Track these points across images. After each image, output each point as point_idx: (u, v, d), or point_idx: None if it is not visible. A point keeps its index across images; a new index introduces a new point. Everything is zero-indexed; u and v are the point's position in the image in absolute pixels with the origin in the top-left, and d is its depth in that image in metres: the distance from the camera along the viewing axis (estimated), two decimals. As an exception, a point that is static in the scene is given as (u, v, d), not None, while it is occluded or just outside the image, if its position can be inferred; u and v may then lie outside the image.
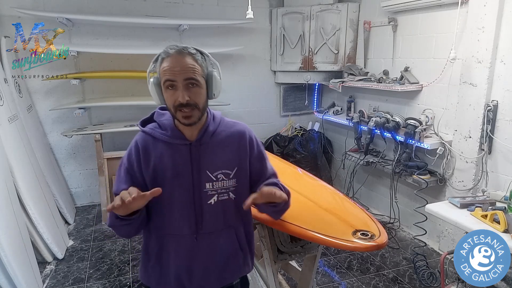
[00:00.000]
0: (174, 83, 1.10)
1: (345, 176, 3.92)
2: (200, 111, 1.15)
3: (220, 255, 1.26)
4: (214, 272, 1.26)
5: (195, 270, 1.23)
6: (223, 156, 1.22)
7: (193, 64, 1.11)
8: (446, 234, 2.86)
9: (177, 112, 1.12)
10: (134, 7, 3.64)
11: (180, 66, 1.10)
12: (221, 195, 1.21)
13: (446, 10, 2.77)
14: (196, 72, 1.11)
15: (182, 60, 1.11)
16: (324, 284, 2.57)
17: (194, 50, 1.14)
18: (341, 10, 3.70)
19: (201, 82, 1.13)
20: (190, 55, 1.12)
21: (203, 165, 1.19)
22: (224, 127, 1.25)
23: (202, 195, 1.19)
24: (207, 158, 1.20)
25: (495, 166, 2.52)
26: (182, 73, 1.10)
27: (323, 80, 4.02)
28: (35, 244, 2.64)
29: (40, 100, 3.53)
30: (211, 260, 1.25)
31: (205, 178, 1.19)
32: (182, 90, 1.10)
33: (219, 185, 1.20)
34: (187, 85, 1.11)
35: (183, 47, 1.13)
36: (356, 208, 1.67)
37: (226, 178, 1.21)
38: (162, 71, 1.12)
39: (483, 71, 2.47)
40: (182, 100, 1.09)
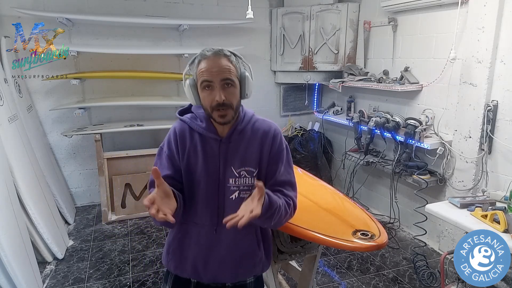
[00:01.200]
0: (211, 84, 1.16)
1: (345, 176, 3.92)
2: (234, 110, 1.20)
3: (237, 251, 1.28)
4: (229, 266, 1.28)
5: (211, 261, 1.27)
6: (248, 153, 1.25)
7: (228, 65, 1.17)
8: (446, 234, 2.86)
9: (214, 111, 1.17)
10: (134, 7, 3.64)
11: (217, 67, 1.15)
12: (242, 192, 1.23)
13: (446, 10, 2.77)
14: (231, 73, 1.17)
15: (218, 61, 1.16)
16: (324, 284, 2.57)
17: (229, 52, 1.20)
18: (341, 10, 3.70)
19: (236, 82, 1.19)
20: (225, 57, 1.18)
21: (229, 161, 1.23)
22: (253, 125, 1.28)
23: (225, 190, 1.23)
24: (233, 155, 1.24)
25: (495, 166, 2.52)
26: (219, 73, 1.15)
27: (323, 80, 4.02)
28: (35, 244, 2.64)
29: (40, 100, 3.53)
30: (227, 254, 1.27)
31: (229, 174, 1.23)
32: (219, 90, 1.15)
33: (241, 181, 1.23)
34: (223, 85, 1.16)
35: (219, 49, 1.18)
36: (356, 208, 1.67)
37: (248, 175, 1.23)
38: (199, 72, 1.17)
39: (483, 71, 2.47)
40: (219, 100, 1.14)
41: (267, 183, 1.26)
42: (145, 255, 2.93)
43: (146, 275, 2.66)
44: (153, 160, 1.34)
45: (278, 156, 1.28)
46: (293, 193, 1.28)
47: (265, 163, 1.26)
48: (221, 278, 1.30)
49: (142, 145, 3.79)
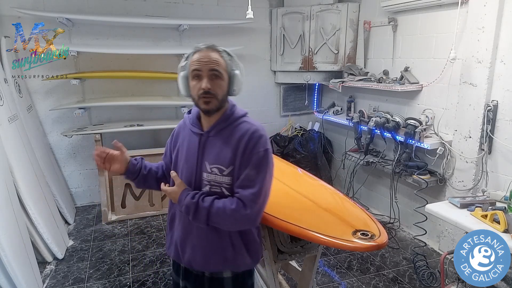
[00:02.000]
0: (200, 73, 1.24)
1: (345, 176, 3.92)
2: (219, 101, 1.26)
3: (207, 241, 1.33)
4: (199, 253, 1.34)
5: (186, 246, 1.37)
6: (222, 152, 1.27)
7: (218, 58, 1.25)
8: (446, 234, 2.86)
9: (199, 99, 1.25)
10: (134, 7, 3.64)
11: (207, 57, 1.24)
12: (213, 187, 1.29)
13: (446, 10, 2.77)
14: (220, 65, 1.25)
15: (209, 53, 1.25)
16: (324, 284, 2.57)
17: (221, 49, 1.29)
18: (341, 10, 3.70)
19: (223, 75, 1.25)
20: (217, 51, 1.27)
21: (205, 156, 1.30)
22: (237, 126, 1.29)
23: (201, 182, 1.31)
24: (209, 150, 1.30)
25: (495, 166, 2.52)
26: (208, 63, 1.23)
27: (323, 80, 4.02)
28: (35, 244, 2.64)
29: (40, 100, 3.53)
30: (198, 242, 1.34)
31: (204, 168, 1.30)
32: (207, 79, 1.23)
33: (212, 178, 1.28)
34: (211, 75, 1.23)
35: (212, 44, 1.28)
36: (356, 208, 1.67)
37: (219, 173, 1.27)
38: (191, 63, 1.26)
39: (483, 71, 2.47)
40: (205, 87, 1.22)
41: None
42: (145, 255, 2.93)
43: (146, 275, 2.66)
44: (153, 160, 1.51)
45: (248, 161, 1.24)
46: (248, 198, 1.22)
47: (238, 164, 1.25)
48: (194, 264, 1.36)
49: (142, 145, 3.80)
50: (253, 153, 1.24)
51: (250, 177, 1.23)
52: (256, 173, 1.23)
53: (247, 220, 1.24)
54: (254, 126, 1.29)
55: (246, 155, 1.24)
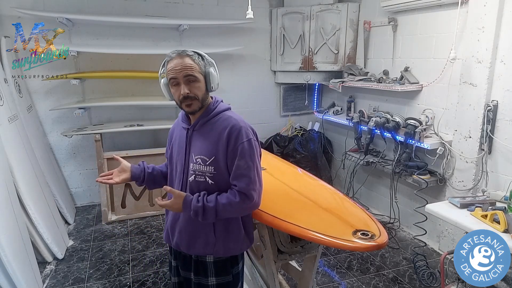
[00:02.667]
0: (177, 80, 1.35)
1: (345, 176, 3.92)
2: (200, 101, 1.38)
3: (192, 227, 1.44)
4: (185, 237, 1.46)
5: (175, 230, 1.49)
6: (205, 143, 1.40)
7: (190, 63, 1.35)
8: (446, 234, 2.86)
9: (182, 103, 1.38)
10: (134, 7, 3.64)
11: (180, 65, 1.34)
12: (198, 176, 1.39)
13: (446, 10, 2.77)
14: (193, 69, 1.35)
15: (181, 60, 1.35)
16: (324, 284, 2.57)
17: (191, 52, 1.38)
18: (341, 10, 3.70)
19: (198, 77, 1.37)
20: (188, 56, 1.36)
21: (192, 147, 1.43)
22: (218, 120, 1.41)
23: (188, 172, 1.43)
24: (194, 143, 1.43)
25: (495, 166, 2.52)
26: (182, 70, 1.34)
27: (323, 80, 4.02)
28: (35, 244, 2.64)
29: (40, 100, 3.53)
30: (184, 228, 1.46)
31: (191, 159, 1.42)
32: (183, 85, 1.35)
33: (197, 167, 1.40)
34: (187, 80, 1.35)
35: (182, 50, 1.38)
36: (356, 208, 1.67)
37: (203, 163, 1.38)
38: (167, 72, 1.38)
39: (483, 71, 2.47)
40: (183, 93, 1.34)
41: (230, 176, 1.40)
42: (145, 255, 2.93)
43: (146, 275, 2.66)
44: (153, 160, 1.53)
45: (234, 153, 1.36)
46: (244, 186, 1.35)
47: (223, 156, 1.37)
48: (181, 246, 1.48)
49: (142, 145, 3.79)
50: (237, 145, 1.35)
51: (241, 167, 1.36)
52: (245, 163, 1.36)
53: (252, 207, 1.40)
54: (233, 119, 1.40)
55: (231, 148, 1.36)
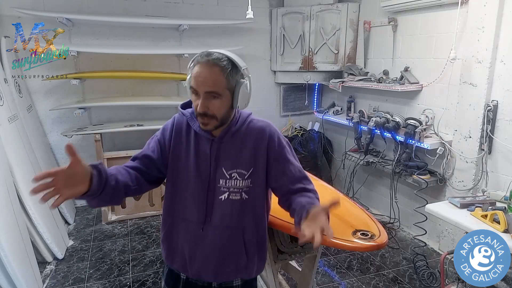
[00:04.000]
0: (197, 91, 1.14)
1: (345, 176, 3.92)
2: (219, 121, 1.18)
3: (221, 251, 1.26)
4: (212, 265, 1.27)
5: (196, 257, 1.27)
6: (240, 155, 1.23)
7: (216, 78, 1.12)
8: (446, 234, 2.86)
9: (198, 117, 1.18)
10: (134, 7, 3.64)
11: (203, 77, 1.12)
12: (232, 194, 1.22)
13: (446, 10, 2.77)
14: (217, 85, 1.13)
15: (208, 71, 1.12)
16: (324, 284, 2.57)
17: (225, 59, 1.14)
18: (341, 10, 3.70)
19: (223, 94, 1.14)
20: (218, 67, 1.12)
21: (220, 162, 1.22)
22: (247, 126, 1.26)
23: (215, 190, 1.23)
24: (225, 156, 1.23)
25: (495, 166, 2.52)
26: (204, 84, 1.12)
27: (323, 80, 4.02)
28: (35, 244, 2.64)
29: (40, 100, 3.53)
30: (211, 252, 1.26)
31: (220, 175, 1.22)
32: (202, 100, 1.13)
33: (232, 183, 1.22)
34: (207, 96, 1.13)
35: (215, 57, 1.13)
36: (356, 208, 1.67)
37: (240, 178, 1.22)
38: (192, 75, 1.16)
39: (483, 71, 2.47)
40: (200, 110, 1.14)
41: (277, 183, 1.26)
42: (145, 255, 2.93)
43: (146, 275, 2.66)
44: None
45: (282, 156, 1.26)
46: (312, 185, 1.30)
47: (263, 164, 1.24)
48: (204, 275, 1.28)
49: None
50: (281, 147, 1.26)
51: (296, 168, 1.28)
52: (295, 161, 1.29)
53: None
54: (264, 122, 1.28)
55: (275, 153, 1.25)
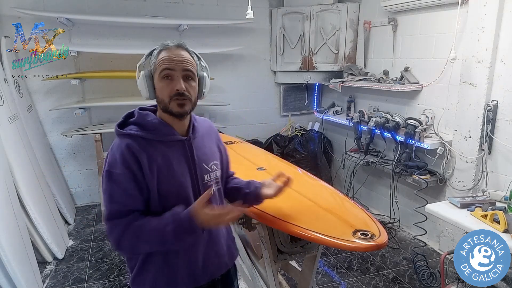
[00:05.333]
0: (172, 73, 1.12)
1: (345, 176, 3.92)
2: (192, 104, 1.17)
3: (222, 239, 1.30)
4: (218, 259, 1.28)
5: (207, 259, 1.24)
6: (210, 148, 1.29)
7: (190, 59, 1.17)
8: (446, 234, 2.86)
9: (172, 101, 1.12)
10: (134, 7, 3.64)
11: (180, 57, 1.14)
12: (216, 185, 1.27)
13: (446, 10, 2.77)
14: (193, 66, 1.17)
15: (181, 52, 1.15)
16: (324, 284, 2.57)
17: (191, 49, 1.20)
18: (341, 10, 3.70)
19: (195, 78, 1.18)
20: (187, 51, 1.18)
21: (199, 158, 1.22)
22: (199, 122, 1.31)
23: (201, 187, 1.21)
24: (200, 151, 1.23)
25: (495, 166, 2.52)
26: (181, 63, 1.13)
27: (323, 80, 4.02)
28: (35, 244, 2.64)
29: (40, 100, 3.53)
30: (215, 249, 1.26)
31: (204, 171, 1.22)
32: (180, 79, 1.12)
33: (214, 175, 1.25)
34: (184, 76, 1.14)
35: (181, 42, 1.18)
36: (356, 208, 1.67)
37: (217, 168, 1.28)
38: (159, 61, 1.13)
39: (483, 71, 2.47)
40: (180, 89, 1.11)
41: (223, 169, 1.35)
42: (145, 255, 2.93)
43: (146, 275, 2.66)
44: None
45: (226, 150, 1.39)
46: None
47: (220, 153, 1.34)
48: (218, 271, 1.29)
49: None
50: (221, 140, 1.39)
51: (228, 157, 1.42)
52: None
53: None
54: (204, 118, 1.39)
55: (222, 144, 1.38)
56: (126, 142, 1.11)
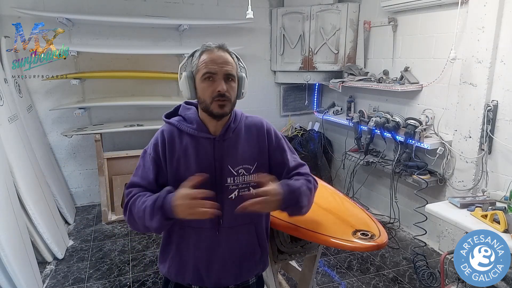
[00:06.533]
0: (214, 75, 1.15)
1: (345, 176, 3.92)
2: (232, 105, 1.20)
3: (239, 250, 1.26)
4: (231, 268, 1.26)
5: (213, 263, 1.25)
6: (244, 151, 1.24)
7: (231, 60, 1.20)
8: (446, 234, 2.86)
9: (213, 102, 1.16)
10: (134, 7, 3.64)
11: (222, 59, 1.17)
12: (242, 190, 1.22)
13: (446, 10, 2.77)
14: (234, 68, 1.20)
15: (223, 54, 1.18)
16: (324, 284, 2.57)
17: (231, 49, 1.23)
18: (341, 10, 3.70)
19: (235, 79, 1.20)
20: (228, 52, 1.21)
21: (225, 160, 1.21)
22: (244, 123, 1.29)
23: (223, 190, 1.21)
24: (229, 153, 1.22)
25: (495, 166, 2.52)
26: (224, 65, 1.16)
27: (323, 80, 4.02)
28: (35, 244, 2.64)
29: (40, 100, 3.53)
30: (229, 255, 1.25)
31: (227, 173, 1.21)
32: (222, 81, 1.16)
33: (240, 180, 1.22)
34: (226, 78, 1.17)
35: (222, 43, 1.21)
36: (356, 208, 1.67)
37: (246, 173, 1.23)
38: (201, 63, 1.17)
39: (483, 71, 2.47)
40: (222, 90, 1.14)
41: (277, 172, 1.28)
42: (145, 255, 2.93)
43: (146, 275, 2.66)
44: None
45: (280, 147, 1.31)
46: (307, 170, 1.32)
47: (266, 157, 1.27)
48: (225, 281, 1.27)
49: (142, 145, 3.75)
50: (278, 139, 1.31)
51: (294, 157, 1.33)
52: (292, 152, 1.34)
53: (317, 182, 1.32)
54: (259, 118, 1.33)
55: (274, 145, 1.30)
56: (163, 128, 1.25)
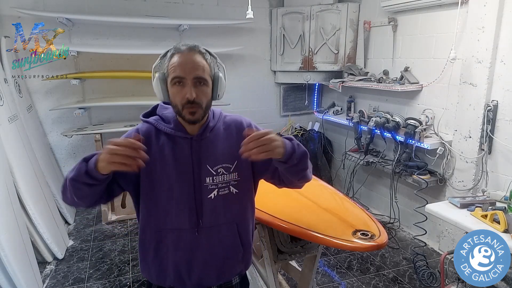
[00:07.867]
0: (183, 80, 1.11)
1: (345, 176, 3.92)
2: (203, 110, 1.15)
3: (220, 250, 1.23)
4: (213, 267, 1.23)
5: (194, 264, 1.22)
6: (223, 149, 1.21)
7: (202, 63, 1.13)
8: (446, 234, 2.86)
9: (184, 109, 1.12)
10: (134, 7, 3.64)
11: (191, 63, 1.11)
12: (221, 190, 1.19)
13: (446, 10, 2.77)
14: (205, 71, 1.13)
15: (192, 57, 1.12)
16: (324, 284, 2.57)
17: (204, 49, 1.16)
18: (341, 10, 3.70)
19: (208, 81, 1.14)
20: (200, 54, 1.14)
21: (203, 160, 1.18)
22: (223, 122, 1.26)
23: (202, 190, 1.18)
24: (207, 153, 1.19)
25: (495, 166, 2.52)
26: (192, 70, 1.11)
27: (323, 80, 4.02)
28: (35, 244, 2.64)
29: (40, 100, 3.53)
30: (210, 255, 1.22)
31: (205, 173, 1.18)
32: (191, 87, 1.10)
33: (219, 179, 1.19)
34: (195, 83, 1.11)
35: (194, 45, 1.15)
36: (356, 208, 1.67)
37: (226, 172, 1.19)
38: (171, 67, 1.12)
39: (483, 71, 2.47)
40: (190, 97, 1.09)
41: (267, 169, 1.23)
42: (145, 255, 2.93)
43: (146, 275, 2.66)
44: None
45: None
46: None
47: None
48: (206, 281, 1.24)
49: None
50: None
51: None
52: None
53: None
54: (237, 115, 1.30)
55: None
56: (139, 127, 1.21)
